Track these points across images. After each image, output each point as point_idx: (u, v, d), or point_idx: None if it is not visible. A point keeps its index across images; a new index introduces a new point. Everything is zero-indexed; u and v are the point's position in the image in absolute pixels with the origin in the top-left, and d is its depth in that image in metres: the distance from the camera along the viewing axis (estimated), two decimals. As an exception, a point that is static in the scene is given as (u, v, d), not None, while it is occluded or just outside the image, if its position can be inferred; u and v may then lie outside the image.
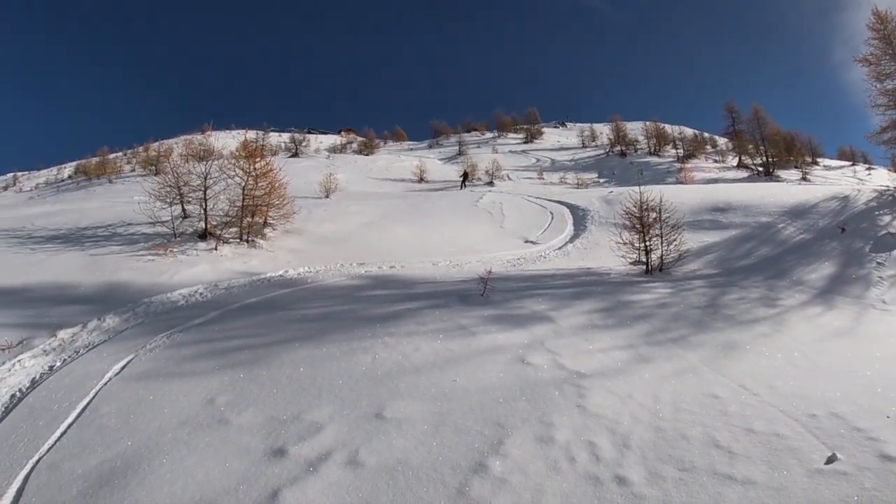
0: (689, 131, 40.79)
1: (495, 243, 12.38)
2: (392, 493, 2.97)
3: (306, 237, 11.78)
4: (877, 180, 22.30)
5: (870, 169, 30.94)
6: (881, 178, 22.23)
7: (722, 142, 37.32)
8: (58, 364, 5.03)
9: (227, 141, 32.86)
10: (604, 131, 41.65)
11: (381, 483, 3.06)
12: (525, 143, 42.57)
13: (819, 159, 34.18)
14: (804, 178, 25.93)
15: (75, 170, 30.77)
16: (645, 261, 9.11)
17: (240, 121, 57.22)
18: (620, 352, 5.08)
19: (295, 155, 34.04)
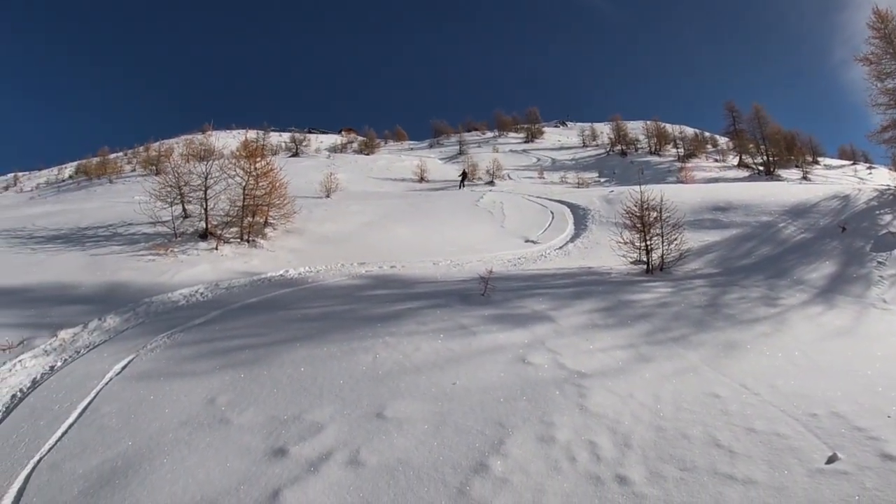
0: (689, 131, 40.72)
1: (496, 243, 12.38)
2: (393, 493, 2.97)
3: (307, 237, 11.77)
4: (877, 179, 22.31)
5: (870, 168, 30.97)
6: (882, 177, 22.20)
7: (722, 141, 37.34)
8: (59, 364, 5.03)
9: (228, 141, 32.92)
10: (604, 131, 41.61)
11: (382, 483, 3.06)
12: (526, 142, 42.54)
13: (820, 158, 34.17)
14: (805, 178, 25.93)
15: (76, 170, 30.83)
16: (646, 260, 9.10)
17: (240, 120, 57.47)
18: (621, 351, 5.08)
19: (295, 155, 34.06)
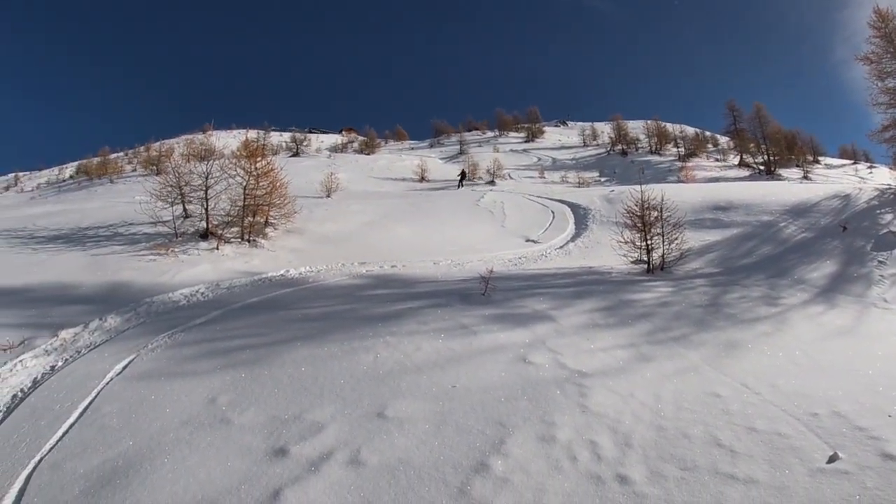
0: (690, 130, 40.68)
1: (496, 242, 12.38)
2: (394, 493, 2.97)
3: (307, 237, 11.78)
4: (878, 179, 22.28)
5: (871, 167, 30.93)
6: (883, 176, 22.15)
7: (723, 140, 37.31)
8: (59, 364, 5.04)
9: (229, 140, 32.93)
10: (605, 130, 41.59)
11: (383, 482, 3.06)
12: (526, 141, 42.53)
13: (820, 158, 34.13)
14: (805, 177, 25.91)
15: (77, 170, 30.89)
16: (646, 259, 9.10)
17: (241, 120, 57.37)
18: (622, 351, 5.08)
19: (296, 154, 34.07)
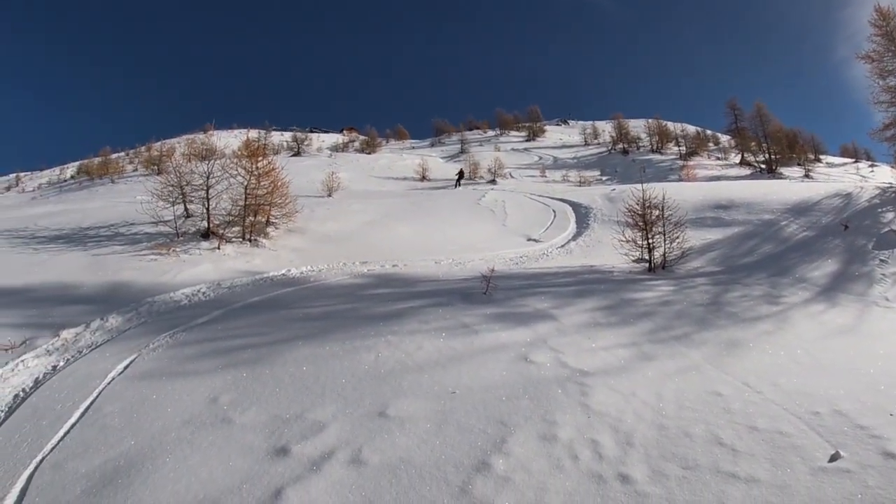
0: (691, 129, 40.63)
1: (498, 241, 12.37)
2: (395, 492, 2.97)
3: (309, 236, 11.78)
4: (880, 177, 22.24)
5: (872, 166, 30.85)
6: (884, 175, 22.14)
7: (724, 139, 37.26)
8: (61, 364, 5.04)
9: (230, 140, 33.00)
10: (606, 129, 41.59)
11: (384, 482, 3.06)
12: (527, 140, 42.54)
13: (822, 156, 34.07)
14: (807, 176, 25.87)
15: (78, 170, 30.98)
16: (648, 258, 9.09)
17: (242, 120, 57.42)
18: (623, 350, 5.07)
19: (297, 154, 34.12)
